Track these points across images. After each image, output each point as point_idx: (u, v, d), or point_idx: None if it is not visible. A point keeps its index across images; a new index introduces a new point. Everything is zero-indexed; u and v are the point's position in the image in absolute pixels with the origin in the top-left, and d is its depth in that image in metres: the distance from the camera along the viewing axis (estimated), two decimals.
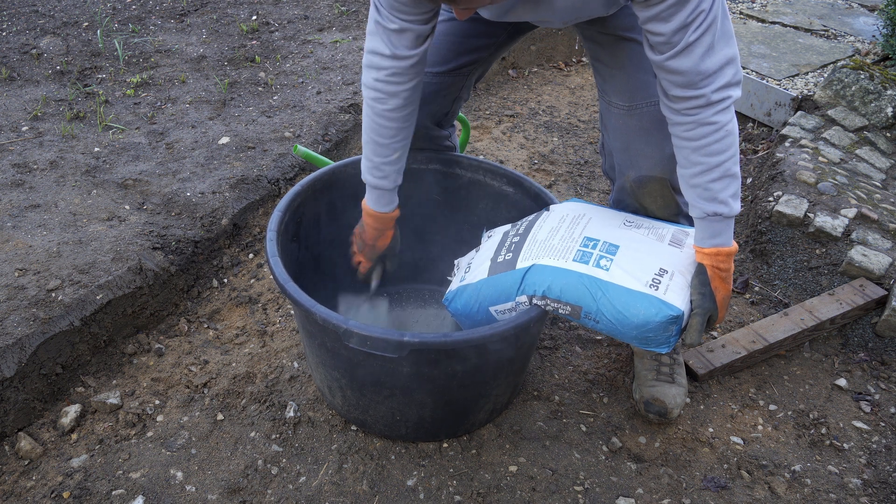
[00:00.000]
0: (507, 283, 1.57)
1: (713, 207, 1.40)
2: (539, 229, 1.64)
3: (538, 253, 1.57)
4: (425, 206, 2.02)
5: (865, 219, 2.25)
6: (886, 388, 1.95)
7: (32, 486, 1.61)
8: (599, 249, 1.53)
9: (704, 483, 1.68)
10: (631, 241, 1.55)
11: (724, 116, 1.33)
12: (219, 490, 1.62)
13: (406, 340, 1.42)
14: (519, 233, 1.68)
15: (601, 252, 1.52)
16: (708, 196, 1.39)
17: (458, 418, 1.70)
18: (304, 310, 1.48)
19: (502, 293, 1.58)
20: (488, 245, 1.72)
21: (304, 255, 1.90)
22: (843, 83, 2.87)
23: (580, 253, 1.53)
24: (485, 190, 1.98)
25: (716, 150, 1.35)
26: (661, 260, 1.51)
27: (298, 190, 1.81)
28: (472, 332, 1.46)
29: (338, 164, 1.92)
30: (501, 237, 1.71)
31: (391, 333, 1.43)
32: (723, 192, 1.38)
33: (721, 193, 1.38)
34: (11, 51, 3.33)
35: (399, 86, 1.55)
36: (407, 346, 1.43)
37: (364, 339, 1.44)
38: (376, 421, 1.70)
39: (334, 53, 3.36)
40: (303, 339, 1.72)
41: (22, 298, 1.86)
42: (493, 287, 1.59)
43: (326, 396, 1.79)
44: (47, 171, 2.44)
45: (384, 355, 1.46)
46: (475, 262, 1.70)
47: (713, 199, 1.39)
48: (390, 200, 1.73)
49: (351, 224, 1.86)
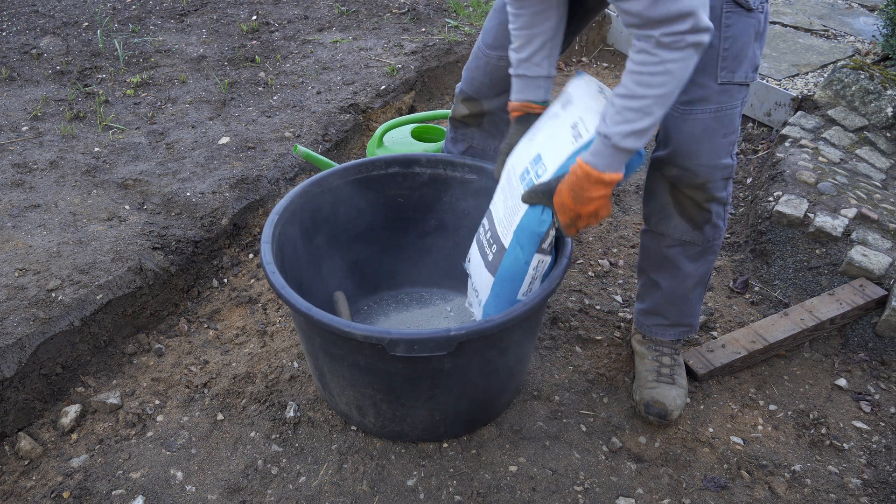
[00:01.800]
0: (513, 268, 1.58)
1: (610, 129, 1.35)
2: (494, 207, 1.68)
3: (507, 222, 1.60)
4: (399, 211, 2.02)
5: (865, 219, 2.25)
6: (886, 388, 1.95)
7: (32, 486, 1.62)
8: (534, 170, 1.57)
9: (704, 483, 1.68)
10: (547, 140, 1.58)
11: (668, 54, 1.27)
12: (219, 490, 1.62)
13: (453, 335, 1.41)
14: (485, 226, 1.70)
15: (533, 175, 1.57)
16: (614, 118, 1.34)
17: (489, 405, 1.72)
18: (340, 331, 1.43)
19: (516, 276, 1.59)
20: (475, 262, 1.74)
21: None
22: (843, 83, 2.87)
23: (524, 179, 1.59)
24: (448, 182, 1.98)
25: (645, 83, 1.31)
26: (544, 150, 1.56)
27: (276, 219, 1.74)
28: (511, 310, 1.47)
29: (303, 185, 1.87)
30: (477, 245, 1.74)
31: (437, 332, 1.42)
32: (628, 123, 1.33)
33: (625, 124, 1.34)
34: (11, 51, 3.33)
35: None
36: (455, 340, 1.42)
37: (411, 344, 1.42)
38: (414, 427, 1.68)
39: (334, 53, 3.36)
40: (322, 365, 1.65)
41: (22, 298, 1.86)
42: (506, 280, 1.61)
43: (354, 419, 1.73)
44: (47, 171, 2.44)
45: (430, 355, 1.45)
46: (478, 281, 1.72)
47: (617, 123, 1.34)
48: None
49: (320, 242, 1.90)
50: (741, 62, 1.51)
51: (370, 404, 1.64)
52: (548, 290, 1.53)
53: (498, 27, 1.74)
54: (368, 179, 1.94)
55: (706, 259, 1.74)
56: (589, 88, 1.59)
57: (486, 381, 1.64)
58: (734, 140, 1.58)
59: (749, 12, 1.49)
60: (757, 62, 1.55)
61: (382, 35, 3.57)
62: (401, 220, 2.02)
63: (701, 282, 1.79)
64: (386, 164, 1.95)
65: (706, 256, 1.74)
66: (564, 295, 2.21)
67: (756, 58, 1.54)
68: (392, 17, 3.80)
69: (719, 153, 1.56)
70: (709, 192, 1.60)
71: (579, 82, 1.63)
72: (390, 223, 2.03)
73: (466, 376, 1.59)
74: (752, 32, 1.51)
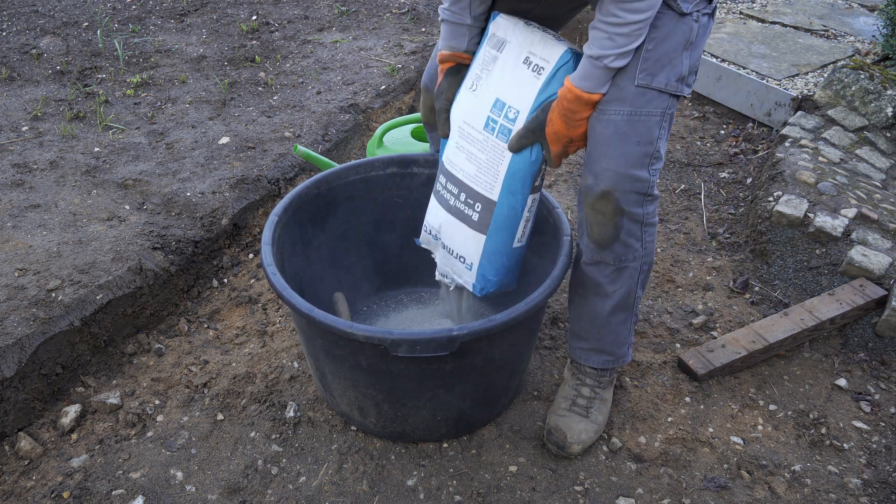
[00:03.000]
0: (507, 218, 1.59)
1: (604, 52, 1.38)
2: (454, 167, 1.65)
3: (486, 175, 1.59)
4: (398, 211, 2.02)
5: (865, 219, 2.25)
6: (886, 388, 1.95)
7: (32, 486, 1.62)
8: (501, 115, 1.57)
9: (704, 483, 1.68)
10: (500, 84, 1.57)
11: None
12: (219, 490, 1.62)
13: (456, 335, 1.41)
14: (451, 190, 1.66)
15: (503, 120, 1.57)
16: (606, 42, 1.38)
17: (491, 404, 1.72)
18: (342, 332, 1.43)
19: (511, 225, 1.60)
20: (450, 229, 1.69)
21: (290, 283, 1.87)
22: (843, 83, 2.87)
23: (491, 128, 1.57)
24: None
25: (632, 9, 1.35)
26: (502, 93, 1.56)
27: (275, 220, 1.73)
28: (513, 309, 1.47)
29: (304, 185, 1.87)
30: (448, 211, 1.68)
31: (439, 332, 1.42)
32: (619, 46, 1.38)
33: (617, 47, 1.38)
34: (11, 51, 3.33)
35: None
36: (457, 340, 1.42)
37: (414, 344, 1.42)
38: (416, 428, 1.68)
39: (334, 53, 3.36)
40: (323, 366, 1.65)
41: (22, 298, 1.86)
42: (500, 232, 1.60)
43: (355, 420, 1.73)
44: (47, 171, 2.44)
45: (433, 356, 1.44)
46: (460, 247, 1.67)
47: (609, 47, 1.38)
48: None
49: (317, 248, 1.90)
50: (663, 67, 1.44)
51: (372, 405, 1.64)
52: (548, 290, 1.53)
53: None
54: (367, 180, 1.94)
55: (621, 281, 1.61)
56: (515, 25, 1.57)
57: (488, 381, 1.64)
58: (652, 154, 1.48)
59: (680, 17, 1.43)
60: (683, 73, 1.46)
61: (382, 35, 3.57)
62: (400, 221, 2.03)
63: (621, 306, 1.65)
64: (384, 165, 1.95)
65: (621, 278, 1.60)
66: (564, 295, 2.22)
67: (682, 67, 1.46)
68: (392, 17, 3.80)
69: (630, 162, 1.46)
70: (616, 203, 1.48)
71: (502, 22, 1.60)
72: (389, 223, 2.03)
73: (468, 376, 1.59)
74: (681, 39, 1.44)
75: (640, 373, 1.96)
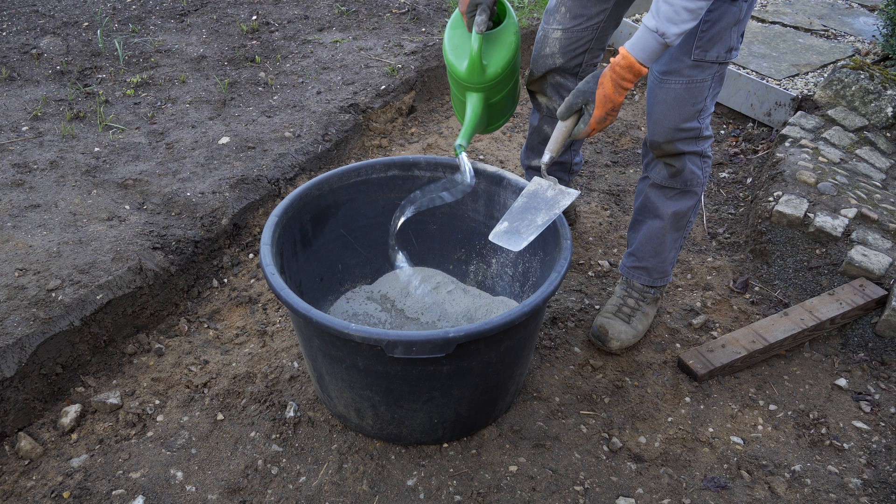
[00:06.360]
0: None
1: (667, 29, 1.49)
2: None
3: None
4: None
5: (865, 219, 2.25)
6: (886, 388, 1.95)
7: (32, 485, 1.62)
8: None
9: (704, 483, 1.68)
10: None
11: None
12: (219, 490, 1.62)
13: (452, 336, 1.41)
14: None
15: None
16: (673, 17, 1.48)
17: (489, 408, 1.72)
18: (338, 332, 1.43)
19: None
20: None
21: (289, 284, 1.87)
22: (843, 83, 2.87)
23: None
24: (447, 185, 1.97)
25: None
26: None
27: (275, 221, 1.73)
28: (509, 313, 1.47)
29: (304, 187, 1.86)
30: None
31: (435, 334, 1.41)
32: (683, 23, 1.48)
33: (680, 24, 1.48)
34: (11, 51, 3.33)
35: None
36: (453, 342, 1.42)
37: (409, 345, 1.41)
38: (412, 430, 1.68)
39: (334, 53, 3.36)
40: (321, 367, 1.66)
41: (22, 298, 1.86)
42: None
43: (352, 421, 1.73)
44: (47, 171, 2.44)
45: (428, 357, 1.44)
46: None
47: (674, 22, 1.48)
48: None
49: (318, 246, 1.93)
50: (714, 44, 1.67)
51: (368, 406, 1.64)
52: (548, 292, 1.53)
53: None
54: (368, 182, 1.94)
55: (682, 201, 1.92)
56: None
57: (486, 384, 1.64)
58: (701, 109, 1.76)
59: (733, 2, 1.64)
60: (732, 44, 1.70)
61: (382, 35, 3.57)
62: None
63: (676, 224, 1.95)
64: (385, 167, 1.95)
65: (683, 198, 1.92)
66: (564, 295, 2.21)
67: (731, 41, 1.70)
68: (392, 17, 3.80)
69: (684, 118, 1.75)
70: (677, 148, 1.80)
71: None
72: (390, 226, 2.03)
73: (465, 379, 1.58)
74: (731, 19, 1.66)
75: (640, 373, 1.96)
